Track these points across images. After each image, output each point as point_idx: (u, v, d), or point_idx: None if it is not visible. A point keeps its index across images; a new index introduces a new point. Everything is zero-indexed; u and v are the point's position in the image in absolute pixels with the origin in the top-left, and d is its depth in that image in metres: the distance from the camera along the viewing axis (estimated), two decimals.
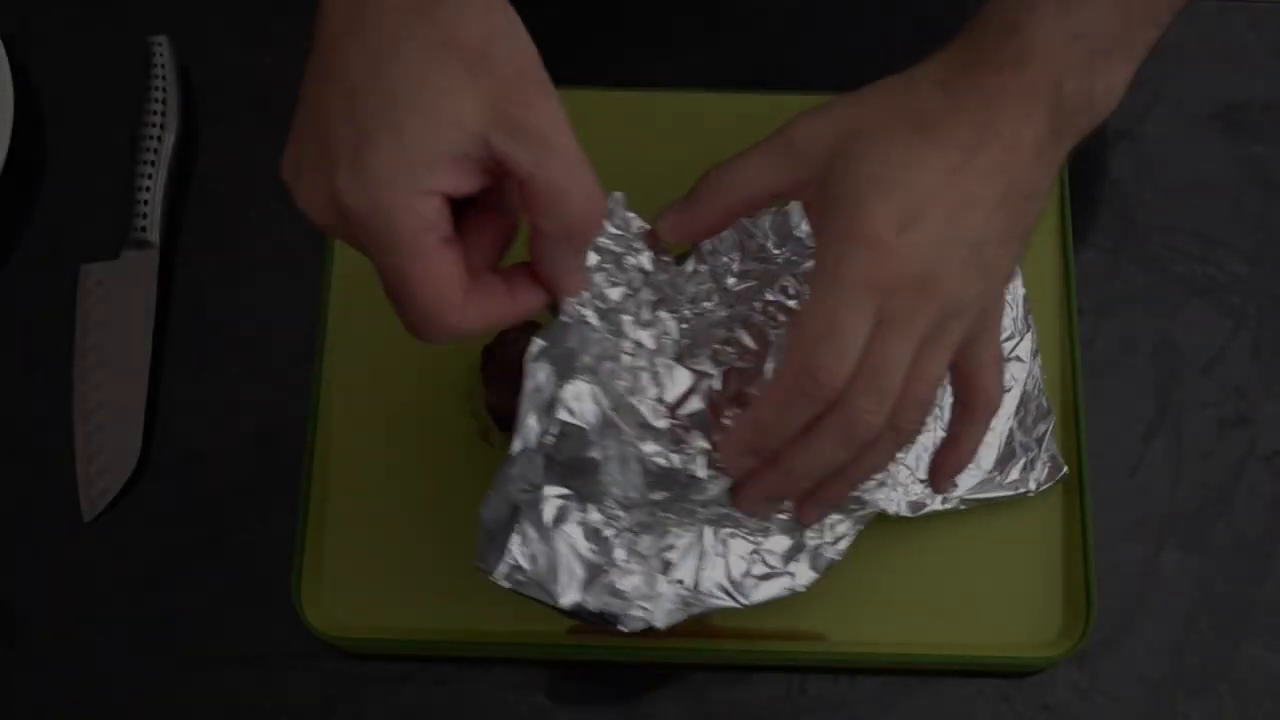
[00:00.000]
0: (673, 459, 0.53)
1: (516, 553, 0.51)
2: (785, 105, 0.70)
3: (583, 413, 0.51)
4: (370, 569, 0.62)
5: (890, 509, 0.60)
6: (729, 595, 0.57)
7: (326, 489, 0.63)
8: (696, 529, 0.56)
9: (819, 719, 0.61)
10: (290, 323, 0.67)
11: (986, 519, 0.63)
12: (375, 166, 0.44)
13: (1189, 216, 0.71)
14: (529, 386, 0.50)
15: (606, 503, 0.53)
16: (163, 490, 0.65)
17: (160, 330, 0.67)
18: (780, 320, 0.57)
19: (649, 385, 0.55)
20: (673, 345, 0.56)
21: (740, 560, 0.57)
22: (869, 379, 0.49)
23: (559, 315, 0.51)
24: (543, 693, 0.61)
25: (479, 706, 0.61)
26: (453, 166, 0.45)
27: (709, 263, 0.59)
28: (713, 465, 0.54)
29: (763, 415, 0.51)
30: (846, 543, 0.59)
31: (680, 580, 0.56)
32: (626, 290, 0.54)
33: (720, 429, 0.55)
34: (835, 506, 0.57)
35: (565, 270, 0.50)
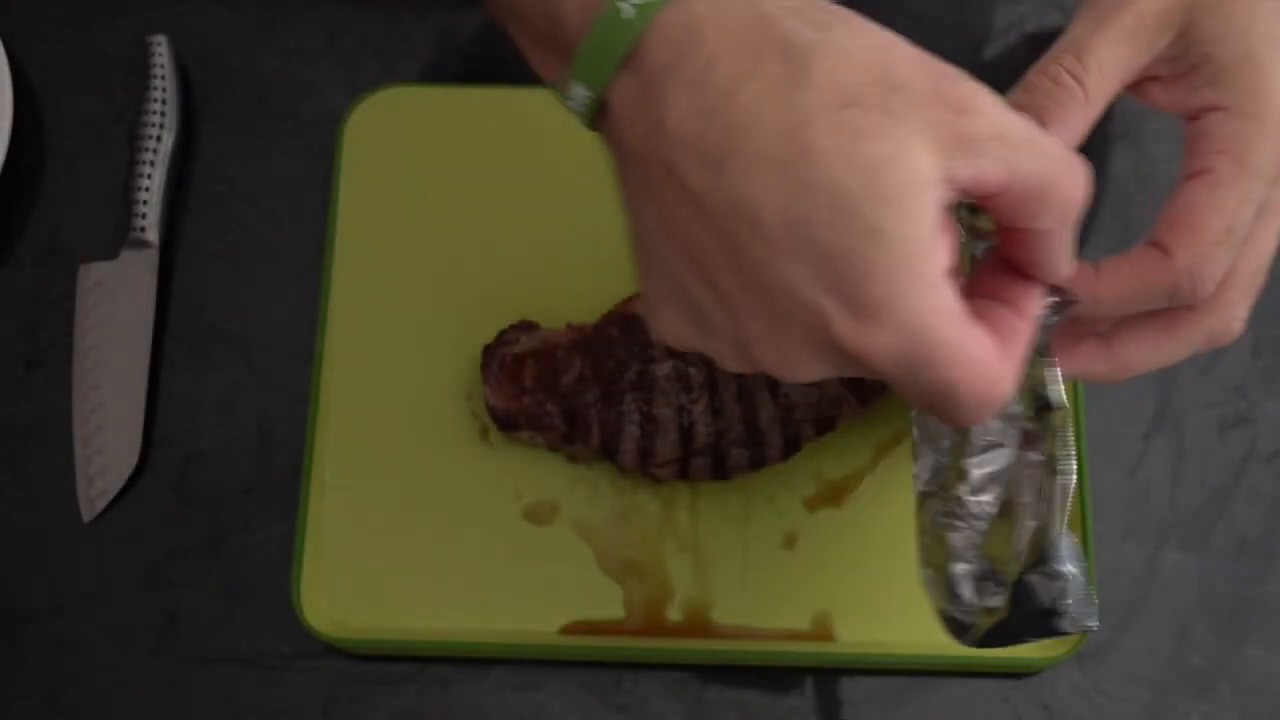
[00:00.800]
0: None
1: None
2: None
3: None
4: (370, 569, 0.62)
5: None
6: None
7: (326, 489, 0.63)
8: None
9: (819, 719, 0.61)
10: (290, 323, 0.67)
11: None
12: (881, 292, 0.35)
13: None
14: None
15: None
16: (163, 490, 0.65)
17: (160, 330, 0.67)
18: None
19: None
20: None
21: None
22: (1249, 280, 0.44)
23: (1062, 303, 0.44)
24: (542, 693, 0.61)
25: (479, 706, 0.61)
26: (943, 232, 0.36)
27: None
28: None
29: (1106, 295, 0.45)
30: None
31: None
32: None
33: None
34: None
35: (1063, 257, 0.41)
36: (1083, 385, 0.65)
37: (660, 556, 0.62)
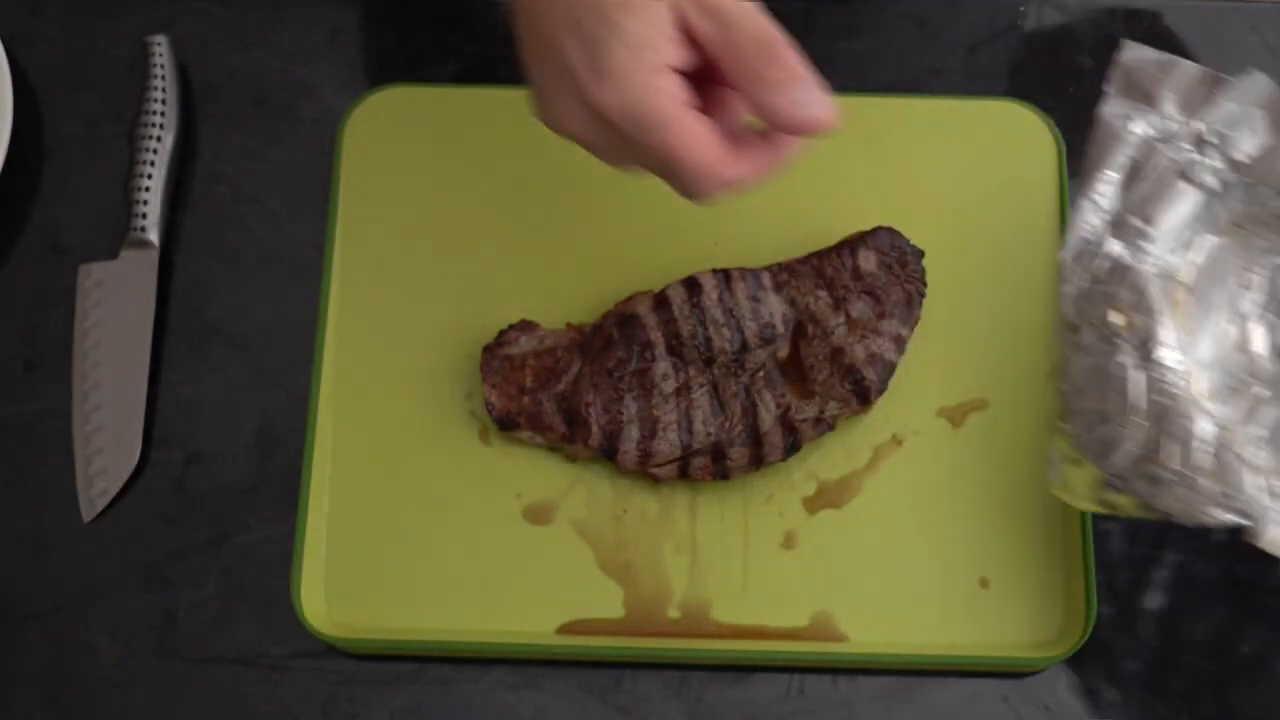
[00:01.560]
0: None
1: None
2: None
3: None
4: (370, 569, 0.62)
5: None
6: None
7: (326, 489, 0.63)
8: None
9: (819, 719, 0.61)
10: (290, 323, 0.67)
11: (986, 519, 0.63)
12: (615, 64, 0.50)
13: None
14: None
15: None
16: (163, 490, 0.65)
17: (160, 330, 0.67)
18: None
19: None
20: None
21: None
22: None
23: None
24: (542, 693, 0.61)
25: (479, 706, 0.61)
26: (673, 42, 0.50)
27: None
28: None
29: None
30: None
31: None
32: None
33: None
34: None
35: (802, 106, 0.52)
36: None
37: (659, 557, 0.62)
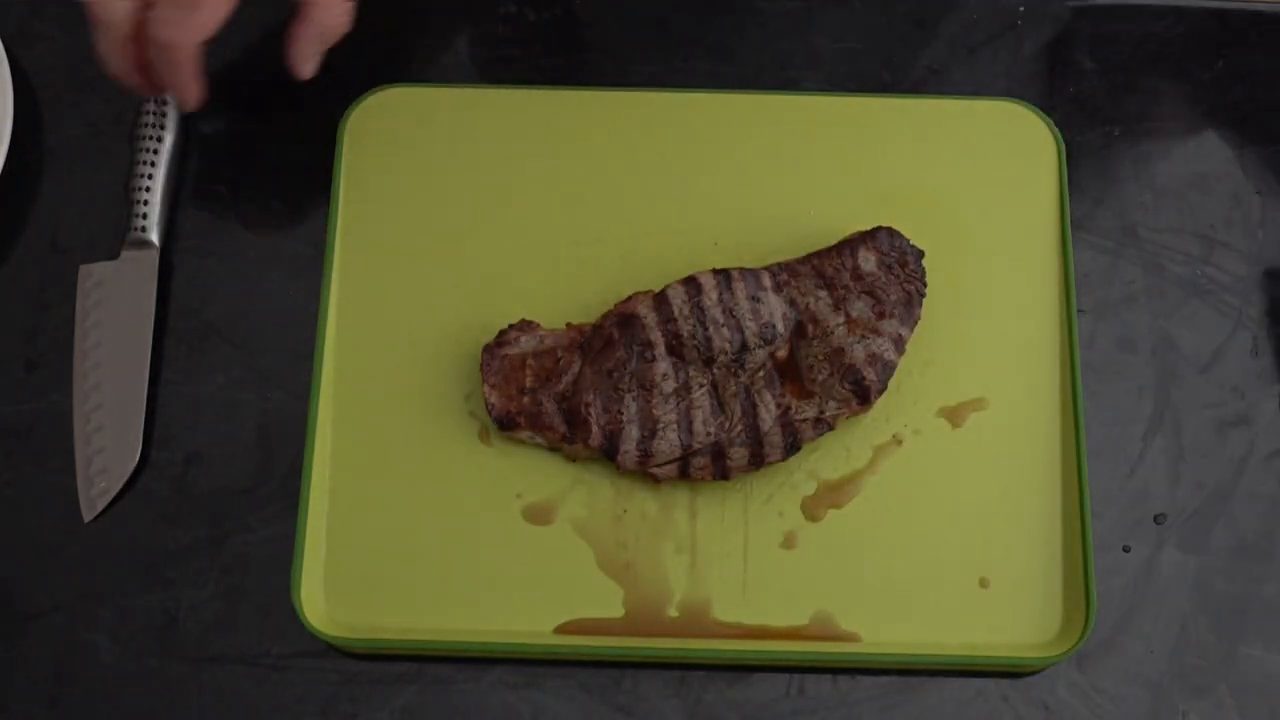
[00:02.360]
0: None
1: None
2: (785, 105, 0.71)
3: None
4: (369, 569, 0.62)
5: None
6: None
7: (326, 489, 0.63)
8: None
9: (819, 719, 0.61)
10: (290, 323, 0.67)
11: (986, 519, 0.63)
12: None
13: (1189, 216, 0.71)
14: None
15: None
16: (163, 490, 0.65)
17: (160, 330, 0.67)
18: None
19: None
20: None
21: None
22: None
23: None
24: (542, 693, 0.61)
25: (479, 706, 0.61)
26: None
27: None
28: None
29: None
30: None
31: None
32: None
33: None
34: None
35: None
36: (1081, 385, 0.65)
37: (659, 556, 0.62)
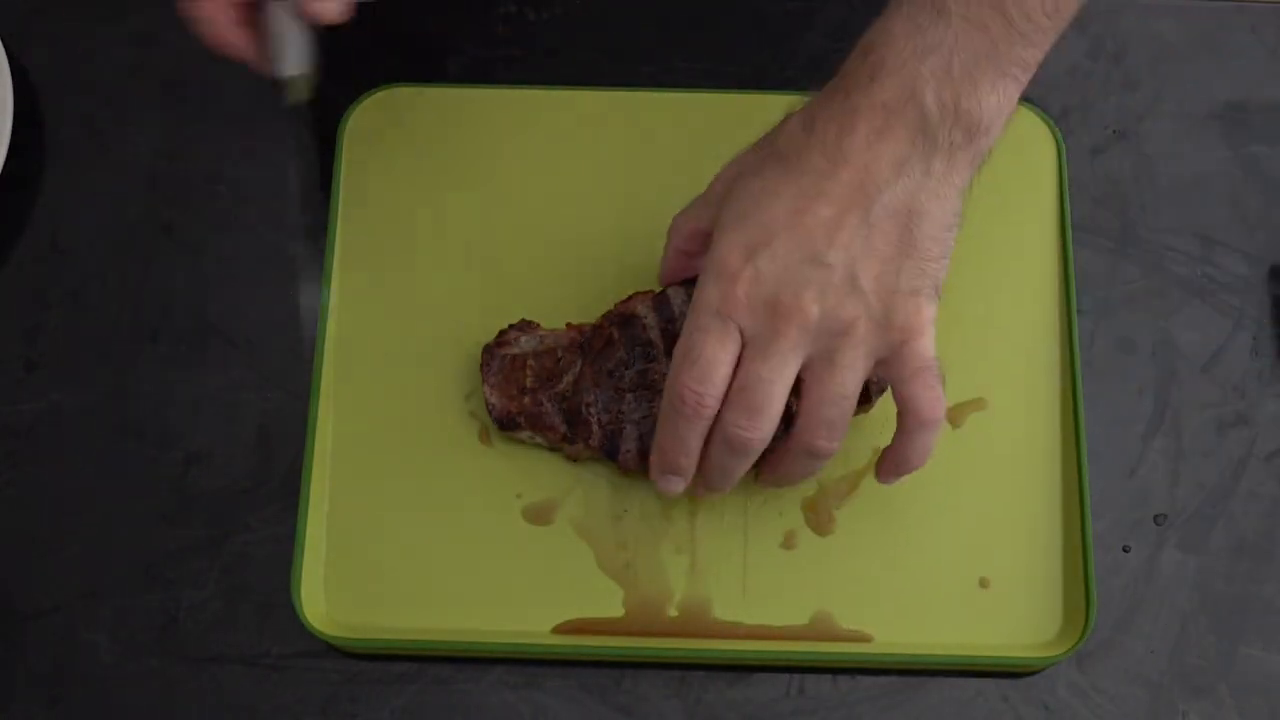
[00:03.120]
0: None
1: None
2: (784, 105, 0.71)
3: None
4: (370, 569, 0.62)
5: None
6: None
7: (326, 489, 0.63)
8: None
9: (819, 719, 0.61)
10: (290, 323, 0.67)
11: (986, 519, 0.63)
12: None
13: (1189, 216, 0.71)
14: None
15: None
16: (163, 490, 0.65)
17: (160, 330, 0.68)
18: None
19: None
20: None
21: None
22: (736, 397, 0.54)
23: None
24: (542, 693, 0.61)
25: (479, 706, 0.61)
26: None
27: None
28: None
29: (658, 436, 0.58)
30: None
31: None
32: None
33: None
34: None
35: None
36: (1081, 385, 0.65)
37: (659, 556, 0.62)
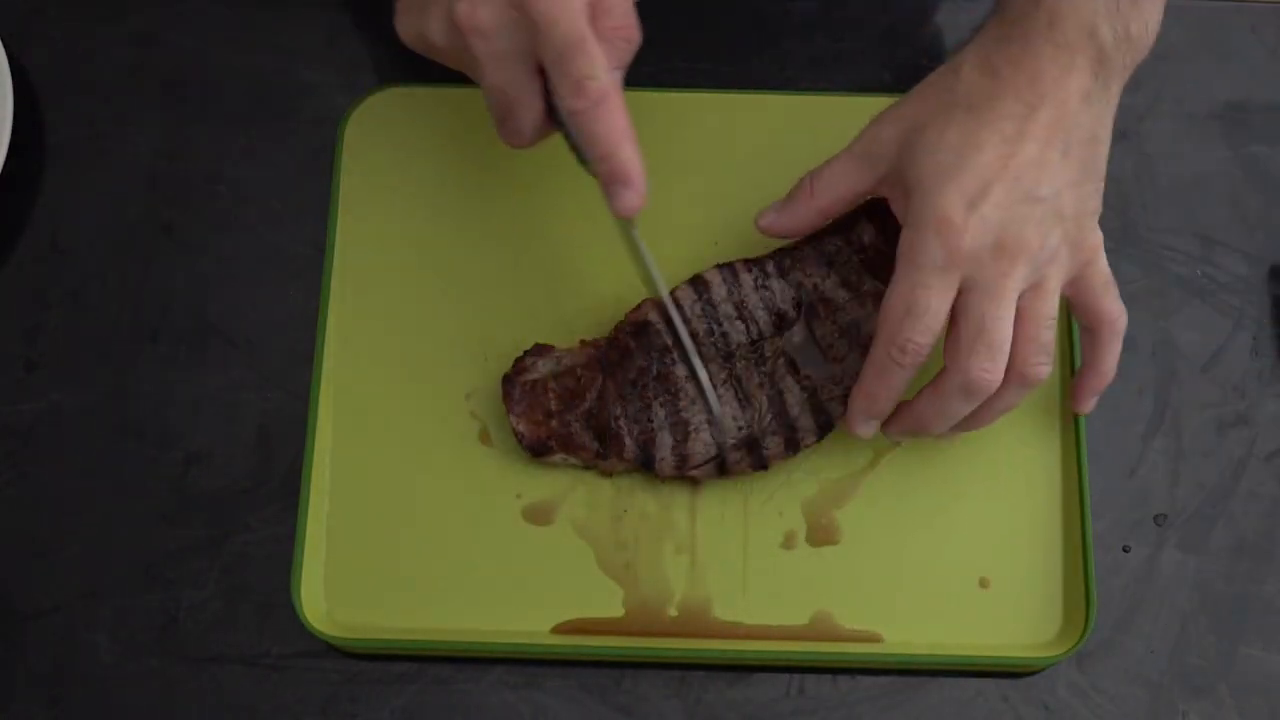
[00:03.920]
0: None
1: None
2: (784, 105, 0.71)
3: None
4: (370, 569, 0.62)
5: None
6: None
7: (326, 489, 0.63)
8: None
9: (819, 719, 0.61)
10: (290, 323, 0.67)
11: (986, 519, 0.63)
12: None
13: (1189, 216, 0.71)
14: None
15: None
16: (163, 490, 0.65)
17: (160, 330, 0.67)
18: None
19: None
20: None
21: None
22: (974, 341, 0.55)
23: None
24: (542, 693, 0.61)
25: (479, 707, 0.61)
26: None
27: None
28: None
29: (868, 386, 0.58)
30: None
31: None
32: None
33: None
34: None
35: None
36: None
37: (659, 556, 0.62)
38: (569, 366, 0.63)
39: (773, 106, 0.71)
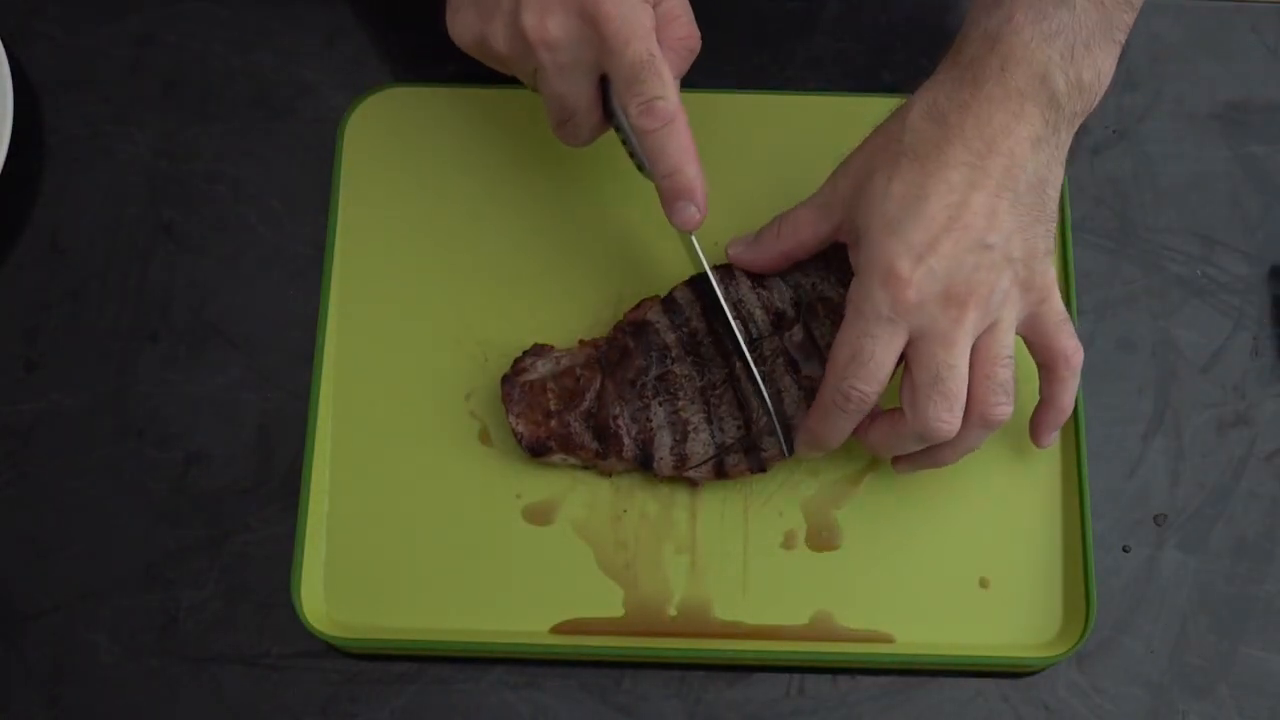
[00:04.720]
0: None
1: None
2: (784, 105, 0.71)
3: None
4: (369, 569, 0.62)
5: None
6: None
7: (326, 489, 0.63)
8: None
9: (819, 719, 0.61)
10: (290, 323, 0.67)
11: (986, 519, 0.63)
12: None
13: (1189, 216, 0.71)
14: None
15: None
16: (163, 490, 0.65)
17: (160, 330, 0.67)
18: None
19: None
20: None
21: None
22: (931, 388, 0.55)
23: None
24: (542, 693, 0.61)
25: (479, 707, 0.61)
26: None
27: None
28: None
29: (814, 426, 0.59)
30: None
31: None
32: None
33: None
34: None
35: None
36: (1083, 385, 0.65)
37: (659, 557, 0.62)
38: (568, 367, 0.63)
39: (773, 106, 0.71)
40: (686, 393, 0.62)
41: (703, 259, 0.61)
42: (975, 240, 0.55)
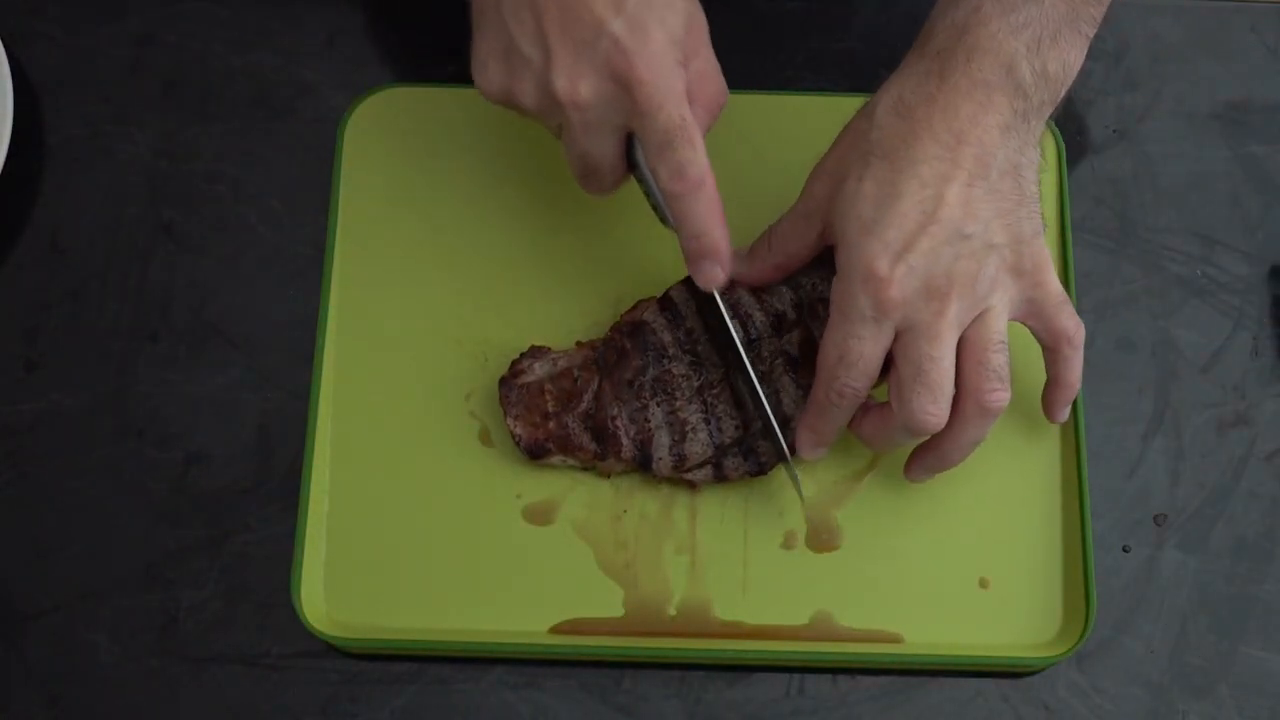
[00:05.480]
0: None
1: None
2: (784, 105, 0.71)
3: None
4: (370, 569, 0.62)
5: None
6: None
7: (326, 489, 0.63)
8: None
9: (819, 719, 0.61)
10: (290, 323, 0.67)
11: (986, 519, 0.63)
12: (656, 46, 0.54)
13: (1189, 216, 0.71)
14: None
15: None
16: (163, 490, 0.65)
17: (160, 330, 0.68)
18: None
19: None
20: None
21: None
22: (914, 381, 0.56)
23: None
24: (542, 693, 0.61)
25: (479, 707, 0.61)
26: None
27: None
28: None
29: (811, 421, 0.59)
30: None
31: None
32: None
33: None
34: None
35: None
36: (1083, 385, 0.65)
37: (659, 557, 0.62)
38: (565, 368, 0.63)
39: (773, 106, 0.71)
40: (684, 392, 0.62)
41: (730, 324, 0.62)
42: (952, 232, 0.55)
